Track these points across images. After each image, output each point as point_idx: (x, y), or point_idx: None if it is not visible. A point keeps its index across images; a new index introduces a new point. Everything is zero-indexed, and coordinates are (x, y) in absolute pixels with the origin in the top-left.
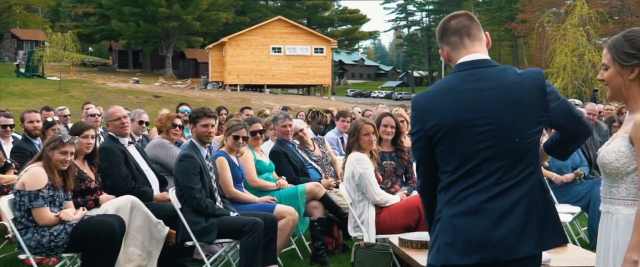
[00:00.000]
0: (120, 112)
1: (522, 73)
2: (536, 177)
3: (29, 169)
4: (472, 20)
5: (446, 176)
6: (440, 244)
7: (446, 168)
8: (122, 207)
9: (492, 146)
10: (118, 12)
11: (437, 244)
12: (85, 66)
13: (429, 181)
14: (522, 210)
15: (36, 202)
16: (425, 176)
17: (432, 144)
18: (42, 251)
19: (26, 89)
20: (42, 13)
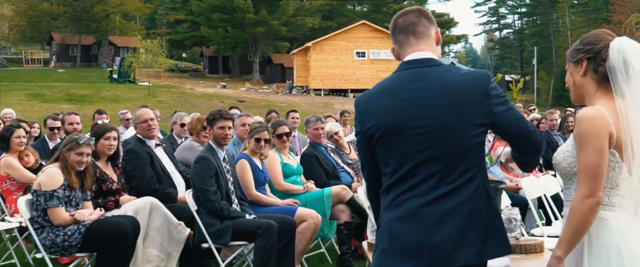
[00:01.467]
0: (147, 114)
1: (466, 73)
2: (479, 183)
3: (46, 170)
4: (421, 17)
5: (386, 178)
6: (378, 250)
7: (385, 170)
8: (141, 208)
9: (428, 148)
10: (207, 18)
11: (376, 250)
12: (177, 71)
13: (372, 184)
14: (461, 216)
15: (51, 202)
16: (368, 179)
17: (372, 146)
18: (57, 250)
19: (117, 94)
20: (139, 21)
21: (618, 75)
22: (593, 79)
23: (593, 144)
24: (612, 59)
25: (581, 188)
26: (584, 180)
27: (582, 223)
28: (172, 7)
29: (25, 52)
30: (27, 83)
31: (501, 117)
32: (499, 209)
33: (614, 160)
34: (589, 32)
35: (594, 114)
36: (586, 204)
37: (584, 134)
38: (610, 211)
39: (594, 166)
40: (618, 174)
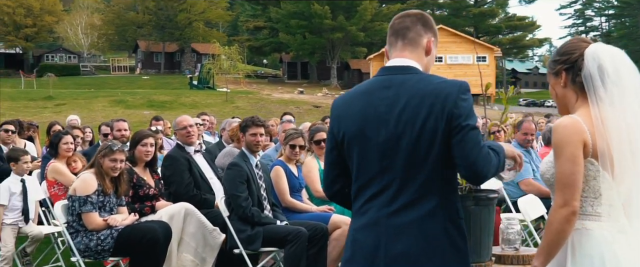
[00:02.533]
0: (186, 121)
1: (440, 82)
2: (441, 197)
3: (81, 176)
4: (417, 23)
5: (354, 185)
6: (343, 259)
7: (353, 177)
8: (175, 214)
9: (387, 157)
10: (286, 25)
11: (342, 259)
12: (256, 77)
13: (329, 187)
14: (418, 231)
15: (85, 207)
16: (326, 183)
17: (340, 150)
18: (90, 254)
19: (196, 100)
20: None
21: (594, 82)
22: (572, 90)
23: (566, 153)
24: (587, 67)
25: (556, 198)
26: (559, 189)
27: (557, 233)
28: (253, 14)
29: (113, 60)
30: (112, 90)
31: (456, 133)
32: (489, 220)
33: (594, 169)
34: (565, 42)
35: (567, 123)
36: (561, 213)
37: (558, 143)
38: (595, 221)
39: (567, 175)
40: (600, 183)
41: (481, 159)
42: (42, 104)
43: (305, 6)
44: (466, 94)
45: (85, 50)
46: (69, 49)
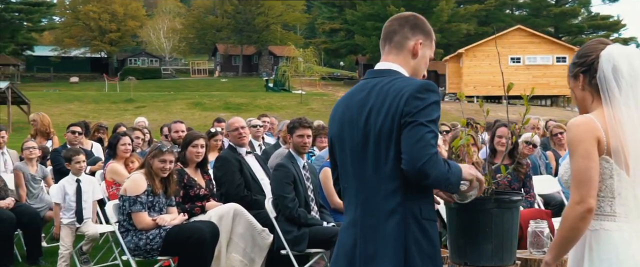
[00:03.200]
0: (238, 123)
1: (407, 83)
2: (403, 200)
3: (131, 176)
4: (404, 26)
5: (340, 186)
6: (332, 259)
7: (339, 178)
8: (225, 214)
9: (357, 160)
10: (361, 27)
11: None
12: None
13: (334, 187)
14: (381, 232)
15: (134, 207)
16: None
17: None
18: (140, 253)
19: (272, 102)
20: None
21: (609, 84)
22: (589, 92)
23: (579, 149)
24: (601, 69)
25: (572, 194)
26: (574, 186)
27: (571, 230)
28: (330, 16)
29: (193, 63)
30: (191, 92)
31: (403, 128)
32: (513, 224)
33: (609, 167)
34: (584, 44)
35: (580, 122)
36: (576, 210)
37: (571, 141)
38: (613, 221)
39: (581, 171)
40: (617, 182)
41: (423, 155)
42: (123, 107)
43: (381, 8)
44: (424, 92)
45: (166, 54)
46: (151, 53)
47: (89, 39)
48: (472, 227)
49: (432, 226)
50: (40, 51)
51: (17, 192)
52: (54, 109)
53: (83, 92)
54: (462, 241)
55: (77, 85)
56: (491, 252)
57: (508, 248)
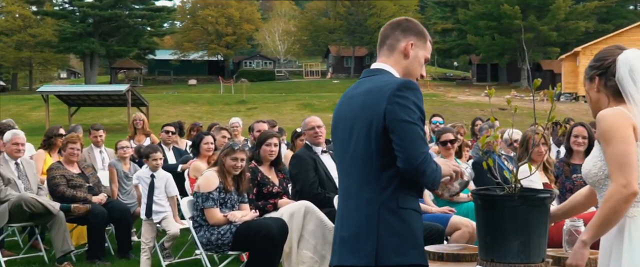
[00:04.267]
0: (315, 122)
1: (386, 81)
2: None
3: (204, 173)
4: (396, 30)
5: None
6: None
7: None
8: (296, 211)
9: (343, 150)
10: (474, 26)
11: None
12: (444, 80)
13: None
14: (359, 216)
15: (207, 203)
16: None
17: None
18: (212, 248)
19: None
20: None
21: (627, 84)
22: (605, 94)
23: (618, 135)
24: (619, 71)
25: (617, 178)
26: (616, 170)
27: (614, 212)
28: (442, 16)
29: (306, 65)
30: (302, 94)
31: (391, 128)
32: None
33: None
34: (601, 49)
35: (613, 111)
36: (622, 193)
37: (607, 129)
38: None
39: (623, 155)
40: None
41: (419, 154)
42: (236, 108)
43: (494, 7)
44: (404, 91)
45: (281, 56)
46: (265, 55)
47: (206, 43)
48: (498, 224)
49: (411, 214)
50: (162, 55)
51: (110, 188)
52: (170, 110)
53: (199, 94)
54: (489, 238)
55: (194, 88)
56: (517, 249)
57: (535, 245)
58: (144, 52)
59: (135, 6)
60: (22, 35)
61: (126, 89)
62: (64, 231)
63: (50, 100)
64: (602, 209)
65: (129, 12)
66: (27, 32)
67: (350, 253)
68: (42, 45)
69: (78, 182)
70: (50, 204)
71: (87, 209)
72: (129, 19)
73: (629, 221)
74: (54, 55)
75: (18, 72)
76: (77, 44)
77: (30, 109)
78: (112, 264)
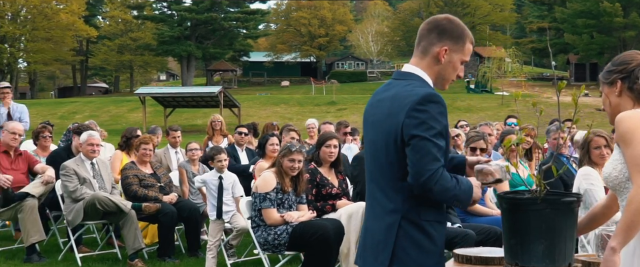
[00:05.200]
0: None
1: (410, 91)
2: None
3: (262, 174)
4: (433, 32)
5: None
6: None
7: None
8: (354, 213)
9: (370, 158)
10: (572, 25)
11: None
12: (541, 80)
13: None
14: (374, 224)
15: (264, 203)
16: None
17: None
18: (268, 248)
19: (471, 104)
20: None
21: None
22: (629, 97)
23: (637, 136)
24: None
25: (637, 180)
26: (637, 172)
27: (638, 214)
28: (539, 14)
29: (398, 66)
30: None
31: (406, 142)
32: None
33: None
34: (620, 54)
35: (632, 113)
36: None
37: (627, 131)
38: None
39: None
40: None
41: (427, 170)
42: (325, 109)
43: (594, 4)
44: (426, 105)
45: (374, 57)
46: (357, 56)
47: (299, 44)
48: (522, 228)
49: (434, 226)
50: (256, 57)
51: (181, 189)
52: (261, 111)
53: (290, 96)
54: (513, 241)
55: (287, 89)
56: (542, 253)
57: (561, 250)
58: (239, 55)
59: (230, 9)
60: (123, 39)
61: (218, 91)
62: (135, 228)
63: (148, 102)
64: (626, 213)
65: (224, 15)
66: (128, 36)
67: (371, 260)
68: (142, 48)
69: (150, 182)
70: (122, 203)
71: (157, 208)
72: (224, 22)
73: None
74: (153, 58)
75: (120, 75)
76: (175, 47)
77: (128, 110)
78: (180, 262)
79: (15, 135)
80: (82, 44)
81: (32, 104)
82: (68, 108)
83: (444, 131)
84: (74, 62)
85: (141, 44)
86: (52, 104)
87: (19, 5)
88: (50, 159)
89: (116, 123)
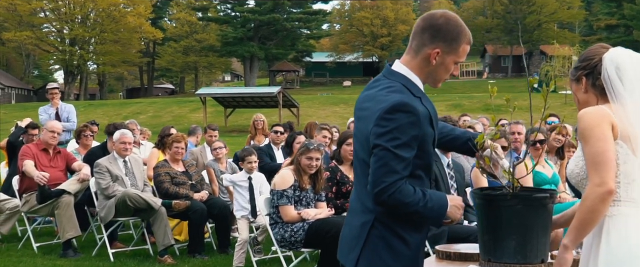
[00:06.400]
0: None
1: (383, 97)
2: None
3: (280, 172)
4: (427, 30)
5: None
6: None
7: None
8: None
9: (354, 154)
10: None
11: None
12: None
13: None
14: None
15: (281, 200)
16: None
17: None
18: (285, 245)
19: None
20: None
21: (614, 82)
22: (593, 94)
23: (595, 133)
24: (605, 69)
25: (592, 177)
26: (592, 169)
27: (590, 211)
28: (608, 11)
29: (462, 65)
30: (454, 94)
31: (371, 150)
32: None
33: (623, 151)
34: (586, 49)
35: (592, 110)
36: (597, 192)
37: (585, 127)
38: (630, 207)
39: (599, 153)
40: (631, 168)
41: (381, 182)
42: None
43: None
44: (394, 113)
45: None
46: None
47: (361, 44)
48: (495, 224)
49: (408, 231)
50: (318, 57)
51: (211, 187)
52: (320, 111)
53: (350, 96)
54: (486, 237)
55: (348, 89)
56: (514, 249)
57: (533, 246)
58: (301, 55)
59: (292, 10)
60: (188, 40)
61: (277, 91)
62: (165, 225)
63: (209, 103)
64: (579, 211)
65: (286, 16)
66: (193, 37)
67: (344, 255)
68: (207, 49)
69: (181, 179)
70: (152, 200)
71: (187, 205)
72: (287, 22)
73: (607, 220)
74: (217, 59)
75: (185, 76)
76: (238, 48)
77: (190, 110)
78: (210, 258)
79: (53, 133)
80: (148, 45)
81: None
82: (132, 109)
83: (413, 142)
84: (141, 64)
85: (205, 46)
86: (117, 105)
87: (89, 8)
88: (87, 157)
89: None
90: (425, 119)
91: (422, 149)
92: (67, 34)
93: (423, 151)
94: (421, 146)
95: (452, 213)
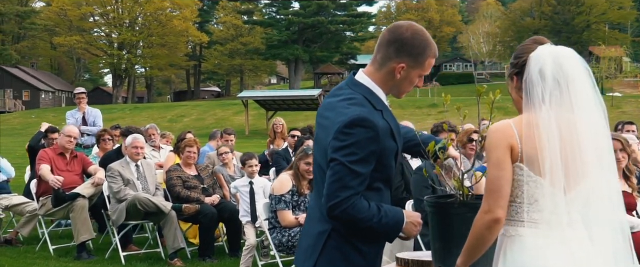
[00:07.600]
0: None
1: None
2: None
3: (279, 176)
4: (392, 44)
5: None
6: None
7: None
8: None
9: (315, 162)
10: None
11: None
12: None
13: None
14: (314, 233)
15: (279, 205)
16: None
17: None
18: (283, 249)
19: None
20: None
21: (534, 87)
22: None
23: (492, 158)
24: (529, 71)
25: (483, 203)
26: (485, 195)
27: (477, 238)
28: None
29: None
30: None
31: (328, 163)
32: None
33: (522, 174)
34: (520, 44)
35: (497, 128)
36: (483, 219)
37: (487, 148)
38: (530, 228)
39: (491, 180)
40: (534, 189)
41: (333, 197)
42: (427, 111)
43: None
44: (353, 128)
45: (485, 58)
46: (465, 58)
47: None
48: (445, 232)
49: (365, 243)
50: (363, 60)
51: (222, 191)
52: None
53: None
54: (438, 245)
55: None
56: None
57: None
58: (346, 58)
59: (337, 13)
60: (234, 43)
61: (318, 94)
62: (175, 229)
63: (251, 105)
64: (470, 236)
65: (331, 18)
66: (239, 40)
67: (300, 261)
68: (252, 52)
69: (193, 183)
70: (162, 204)
71: (197, 209)
72: (331, 25)
73: (506, 240)
74: (262, 62)
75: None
76: (283, 50)
77: (233, 113)
78: (219, 262)
79: (70, 138)
80: (195, 49)
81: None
82: (177, 112)
83: (371, 157)
84: (187, 67)
85: (250, 48)
86: (162, 108)
87: (136, 13)
88: (103, 161)
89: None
90: (386, 133)
91: (381, 163)
92: (115, 38)
93: (382, 164)
94: (380, 160)
95: (408, 229)
